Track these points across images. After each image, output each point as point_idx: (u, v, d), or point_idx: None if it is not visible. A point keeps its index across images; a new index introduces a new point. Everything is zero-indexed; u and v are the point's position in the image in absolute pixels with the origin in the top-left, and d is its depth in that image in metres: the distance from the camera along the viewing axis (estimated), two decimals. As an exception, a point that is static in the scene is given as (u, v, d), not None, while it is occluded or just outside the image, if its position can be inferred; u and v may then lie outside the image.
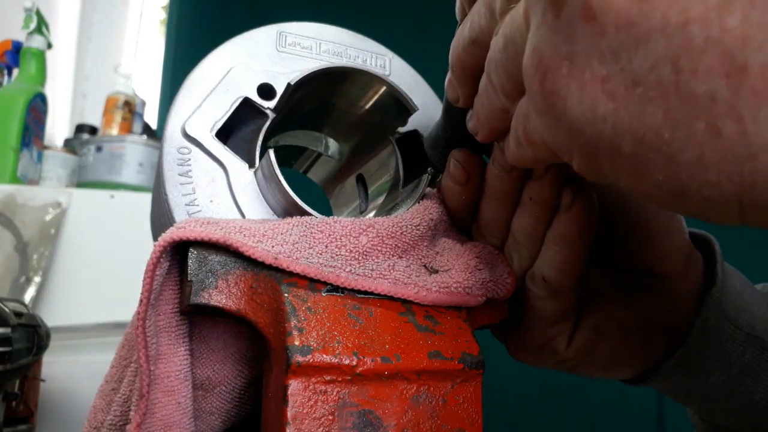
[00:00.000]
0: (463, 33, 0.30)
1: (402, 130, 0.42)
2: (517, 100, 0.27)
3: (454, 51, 0.31)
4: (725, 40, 0.18)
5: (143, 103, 1.46)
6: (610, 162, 0.22)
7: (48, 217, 1.05)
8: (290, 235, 0.32)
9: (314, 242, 0.32)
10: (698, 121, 0.19)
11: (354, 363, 0.29)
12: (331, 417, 0.28)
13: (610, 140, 0.21)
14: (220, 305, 0.30)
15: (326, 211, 0.38)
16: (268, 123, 0.38)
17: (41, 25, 1.27)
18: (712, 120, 0.18)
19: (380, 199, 0.44)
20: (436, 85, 0.43)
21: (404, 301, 0.33)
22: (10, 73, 1.32)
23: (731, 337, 0.38)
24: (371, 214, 0.44)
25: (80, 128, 1.45)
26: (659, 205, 0.22)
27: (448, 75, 0.32)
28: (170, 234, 0.29)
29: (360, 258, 0.32)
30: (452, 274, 0.34)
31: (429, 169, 0.39)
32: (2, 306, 0.63)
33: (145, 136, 1.30)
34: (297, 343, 0.28)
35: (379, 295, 0.32)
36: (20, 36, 1.30)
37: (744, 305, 0.38)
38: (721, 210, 0.20)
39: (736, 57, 0.18)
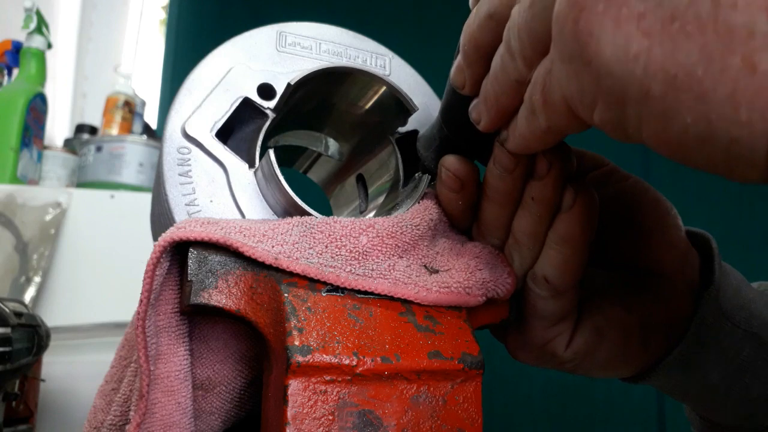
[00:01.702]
0: (479, 10, 0.30)
1: (402, 130, 0.42)
2: (535, 65, 0.27)
3: (467, 30, 0.31)
4: None
5: (143, 103, 1.46)
6: (637, 107, 0.21)
7: (48, 217, 1.05)
8: (290, 235, 0.32)
9: (314, 242, 0.32)
10: (734, 56, 0.19)
11: (354, 363, 0.29)
12: (331, 417, 0.28)
13: (640, 81, 0.21)
14: (220, 305, 0.30)
15: (326, 211, 0.38)
16: (268, 123, 0.38)
17: (41, 25, 1.27)
18: (748, 54, 0.18)
19: (380, 199, 0.44)
20: (436, 85, 0.43)
21: (404, 301, 0.33)
22: (10, 73, 1.32)
23: (729, 334, 0.38)
24: (371, 214, 0.44)
25: (80, 128, 1.45)
26: (682, 156, 0.22)
27: (457, 59, 0.32)
28: (170, 234, 0.29)
29: (360, 258, 0.32)
30: (452, 274, 0.34)
31: (417, 173, 0.39)
32: (2, 306, 0.63)
33: (145, 136, 1.30)
34: (297, 343, 0.28)
35: (379, 295, 0.32)
36: (20, 36, 1.30)
37: (741, 303, 0.38)
38: (748, 156, 0.19)
39: None
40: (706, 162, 0.21)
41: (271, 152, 0.34)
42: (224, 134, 0.36)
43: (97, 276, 1.05)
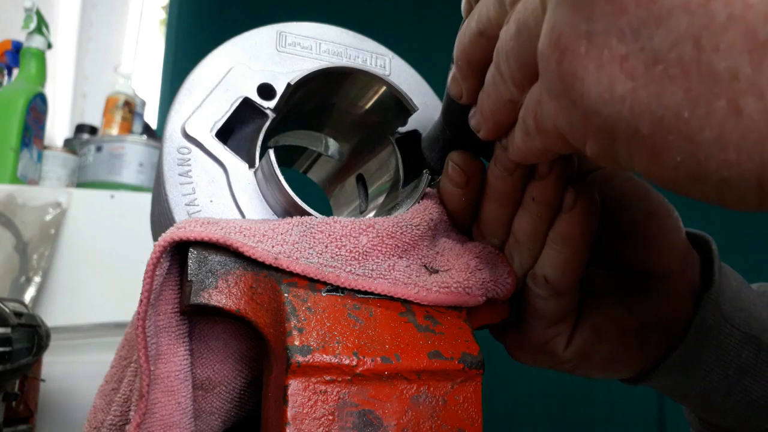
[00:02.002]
0: (470, 25, 0.30)
1: (402, 130, 0.42)
2: (526, 89, 0.27)
3: (459, 44, 0.31)
4: (748, 17, 0.18)
5: (143, 103, 1.46)
6: (627, 144, 0.21)
7: (48, 217, 1.05)
8: (290, 235, 0.32)
9: (314, 242, 0.32)
10: (719, 99, 0.18)
11: (354, 363, 0.29)
12: (331, 417, 0.28)
13: (627, 121, 0.21)
14: (220, 305, 0.30)
15: (326, 211, 0.38)
16: (268, 123, 0.38)
17: (41, 25, 1.27)
18: (733, 97, 0.18)
19: (380, 199, 0.44)
20: (436, 85, 0.43)
21: (404, 301, 0.33)
22: (10, 73, 1.32)
23: (728, 336, 0.38)
24: (371, 214, 0.44)
25: (80, 128, 1.45)
26: (675, 190, 0.22)
27: (452, 71, 0.32)
28: (170, 234, 0.29)
29: (360, 258, 0.32)
30: (452, 274, 0.34)
31: (424, 171, 0.39)
32: (2, 306, 0.63)
33: (145, 136, 1.30)
34: (297, 343, 0.28)
35: (379, 295, 0.32)
36: (20, 36, 1.30)
37: (741, 305, 0.38)
38: (740, 193, 0.19)
39: (758, 33, 0.18)
40: (699, 195, 0.21)
41: (271, 152, 0.34)
42: (224, 134, 0.36)
43: (97, 276, 1.05)
